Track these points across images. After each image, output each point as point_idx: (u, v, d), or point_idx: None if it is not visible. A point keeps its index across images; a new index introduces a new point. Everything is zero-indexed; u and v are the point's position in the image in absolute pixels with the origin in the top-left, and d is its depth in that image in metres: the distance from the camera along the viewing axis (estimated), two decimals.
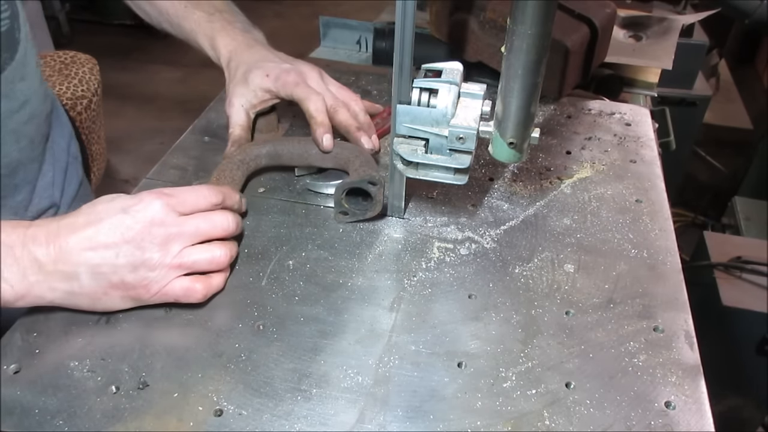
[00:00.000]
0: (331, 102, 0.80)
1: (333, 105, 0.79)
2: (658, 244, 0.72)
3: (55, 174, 0.86)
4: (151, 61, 3.56)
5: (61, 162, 0.89)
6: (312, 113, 0.77)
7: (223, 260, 0.62)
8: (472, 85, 0.65)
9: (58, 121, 0.89)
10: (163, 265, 0.58)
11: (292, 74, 0.80)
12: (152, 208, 0.58)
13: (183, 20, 0.88)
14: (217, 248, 0.62)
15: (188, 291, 0.60)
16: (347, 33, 1.27)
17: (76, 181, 0.92)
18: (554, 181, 0.82)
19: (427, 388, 0.56)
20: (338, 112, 0.79)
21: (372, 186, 0.70)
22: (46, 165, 0.85)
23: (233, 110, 0.82)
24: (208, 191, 0.64)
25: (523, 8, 0.53)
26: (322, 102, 0.78)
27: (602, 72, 1.07)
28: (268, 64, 0.81)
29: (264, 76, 0.80)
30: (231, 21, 0.88)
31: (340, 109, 0.79)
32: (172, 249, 0.59)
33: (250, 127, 0.82)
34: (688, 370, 0.58)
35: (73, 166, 0.92)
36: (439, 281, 0.67)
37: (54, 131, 0.87)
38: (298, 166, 0.81)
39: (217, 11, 0.89)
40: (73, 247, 0.56)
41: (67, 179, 0.90)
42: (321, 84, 0.82)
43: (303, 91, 0.79)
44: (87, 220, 0.57)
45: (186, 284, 0.60)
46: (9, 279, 0.55)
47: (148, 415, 0.53)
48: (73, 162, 0.92)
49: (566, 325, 0.62)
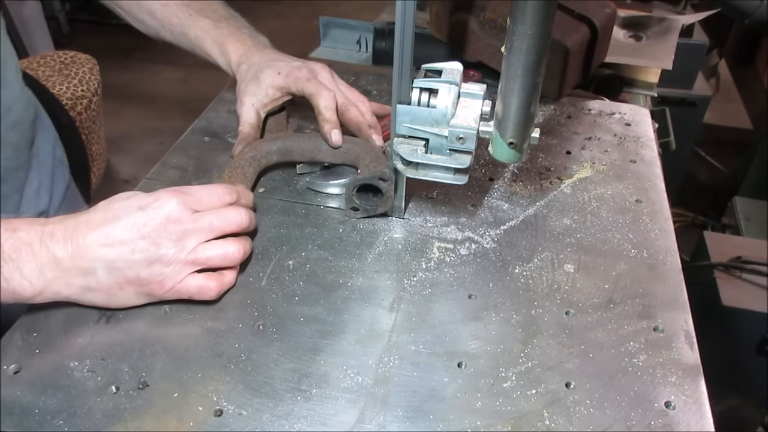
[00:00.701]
0: (342, 100, 0.80)
1: (344, 103, 0.80)
2: (658, 244, 0.72)
3: (42, 180, 0.86)
4: (151, 61, 3.56)
5: (47, 167, 0.88)
6: (321, 109, 0.78)
7: (237, 256, 0.63)
8: (472, 85, 0.65)
9: (42, 125, 0.89)
10: (177, 260, 0.59)
11: (303, 70, 0.81)
12: (168, 206, 0.59)
13: (188, 29, 0.88)
14: (231, 244, 0.62)
15: (202, 289, 0.61)
16: (347, 33, 1.27)
17: (63, 185, 0.92)
18: (554, 181, 0.82)
19: (427, 388, 0.56)
20: (349, 110, 0.80)
21: (383, 182, 0.70)
22: (33, 171, 0.84)
23: (243, 109, 0.82)
24: (223, 190, 0.65)
25: (523, 8, 0.53)
26: (332, 99, 0.79)
27: (602, 72, 1.07)
28: (279, 63, 0.82)
29: (276, 74, 0.81)
30: (238, 27, 0.89)
31: (351, 107, 0.80)
32: (187, 245, 0.59)
33: (260, 126, 0.83)
34: (688, 370, 0.58)
35: (59, 169, 0.91)
36: (439, 281, 0.67)
37: (38, 136, 0.86)
38: (307, 162, 0.81)
39: (222, 18, 0.89)
40: (90, 244, 0.57)
41: (54, 183, 0.89)
42: (332, 82, 0.82)
43: (314, 86, 0.79)
44: (104, 217, 0.58)
45: (200, 282, 0.61)
46: (28, 275, 0.55)
47: (148, 415, 0.53)
48: (59, 166, 0.92)
49: (566, 325, 0.62)
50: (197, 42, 0.88)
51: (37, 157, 0.86)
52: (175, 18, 0.89)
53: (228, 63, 0.87)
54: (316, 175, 0.80)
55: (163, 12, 0.90)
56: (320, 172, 0.81)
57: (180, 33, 0.89)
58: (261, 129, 0.83)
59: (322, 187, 0.78)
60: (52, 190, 0.88)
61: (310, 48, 1.28)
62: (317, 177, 0.80)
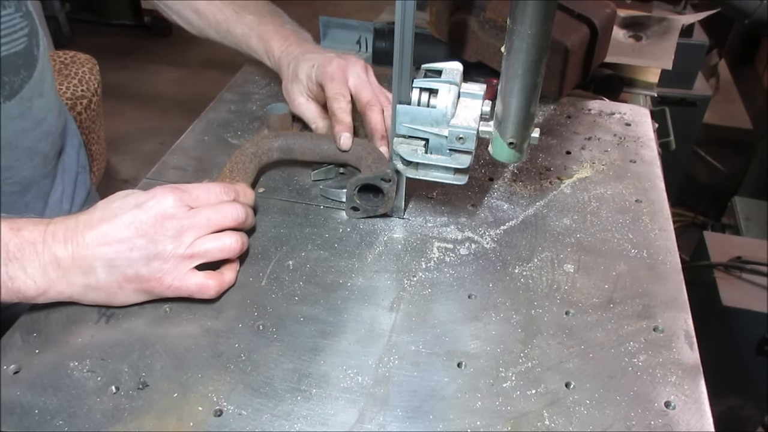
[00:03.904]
0: (369, 96, 0.79)
1: (370, 100, 0.79)
2: (658, 244, 0.72)
3: (65, 187, 0.87)
4: (151, 61, 3.56)
5: (71, 173, 0.89)
6: (334, 111, 0.78)
7: (235, 247, 0.63)
8: (472, 85, 0.65)
9: (69, 133, 0.90)
10: (176, 256, 0.59)
11: (334, 62, 0.80)
12: (165, 203, 0.59)
13: (234, 25, 0.89)
14: (227, 237, 0.62)
15: (202, 287, 0.61)
16: (347, 33, 1.27)
17: (84, 191, 0.93)
18: (554, 181, 0.82)
19: (427, 388, 0.56)
20: (373, 110, 0.78)
21: (385, 183, 0.70)
22: (58, 179, 0.85)
23: (301, 108, 0.83)
24: (221, 188, 0.65)
25: (523, 8, 0.53)
26: (347, 102, 0.78)
27: (602, 72, 1.07)
28: (313, 55, 0.83)
29: (310, 66, 0.82)
30: (282, 23, 0.90)
31: (376, 107, 0.79)
32: (184, 240, 0.59)
33: (326, 114, 0.83)
34: (688, 370, 0.58)
35: (81, 176, 0.92)
36: (439, 281, 0.67)
37: (65, 143, 0.87)
38: (322, 169, 0.80)
39: (267, 13, 0.90)
40: (89, 243, 0.57)
41: (77, 190, 0.90)
42: (363, 77, 0.81)
43: (333, 88, 0.79)
44: (102, 216, 0.59)
45: (200, 280, 0.61)
46: (32, 274, 0.56)
47: (148, 415, 0.53)
48: (82, 172, 0.93)
49: (566, 325, 0.62)
50: (243, 39, 0.89)
51: (62, 165, 0.86)
52: (220, 15, 0.90)
53: (271, 60, 0.88)
54: (330, 183, 0.79)
55: (209, 10, 0.90)
56: (334, 179, 0.80)
57: (226, 30, 0.90)
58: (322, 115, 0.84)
59: (337, 195, 0.77)
60: (73, 197, 0.89)
61: None
62: (331, 184, 0.78)
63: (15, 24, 0.71)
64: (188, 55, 3.57)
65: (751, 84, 2.45)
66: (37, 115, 0.75)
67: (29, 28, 0.73)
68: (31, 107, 0.74)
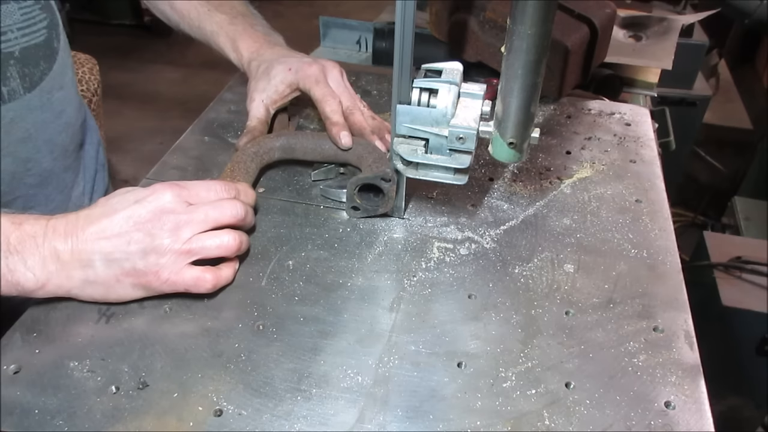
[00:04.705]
0: (348, 103, 0.80)
1: (349, 106, 0.80)
2: (658, 244, 0.72)
3: (85, 184, 0.88)
4: (151, 61, 3.56)
5: (91, 171, 0.90)
6: (327, 114, 0.78)
7: (232, 245, 0.63)
8: (472, 85, 0.65)
9: (89, 129, 0.90)
10: (173, 250, 0.59)
11: (313, 66, 0.81)
12: (163, 198, 0.60)
13: (204, 22, 0.90)
14: (226, 234, 0.63)
15: (198, 281, 0.61)
16: (347, 33, 1.27)
17: (102, 188, 0.93)
18: (554, 181, 0.82)
19: (427, 388, 0.56)
20: (354, 114, 0.80)
21: (385, 182, 0.70)
22: (80, 175, 0.85)
23: (253, 105, 0.83)
24: (221, 186, 0.65)
25: (523, 8, 0.53)
26: (337, 104, 0.79)
27: (602, 72, 1.07)
28: (289, 59, 0.83)
29: (286, 70, 0.82)
30: (253, 24, 0.90)
31: (356, 111, 0.80)
32: (182, 235, 0.60)
33: (268, 122, 0.83)
34: (688, 370, 0.58)
35: (100, 174, 0.93)
36: (439, 281, 0.67)
37: (85, 139, 0.88)
38: (322, 169, 0.80)
39: (239, 14, 0.90)
40: (88, 237, 0.58)
41: (95, 188, 0.91)
42: (341, 82, 0.82)
43: (320, 91, 0.80)
44: (102, 211, 0.59)
45: (196, 274, 0.61)
46: (31, 267, 0.57)
47: (148, 415, 0.53)
48: (101, 170, 0.93)
49: (566, 325, 0.62)
50: (212, 36, 0.90)
51: (83, 160, 0.86)
52: (193, 11, 0.91)
53: (239, 59, 0.88)
54: (331, 183, 0.79)
55: (183, 5, 0.92)
56: (334, 179, 0.80)
57: (197, 27, 0.91)
58: (269, 125, 0.83)
59: (337, 195, 0.77)
60: (92, 194, 0.90)
61: (310, 48, 1.28)
62: (331, 184, 0.78)
63: (34, 16, 0.72)
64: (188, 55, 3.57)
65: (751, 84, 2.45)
66: (57, 107, 0.76)
67: (49, 20, 0.73)
68: (51, 99, 0.75)
